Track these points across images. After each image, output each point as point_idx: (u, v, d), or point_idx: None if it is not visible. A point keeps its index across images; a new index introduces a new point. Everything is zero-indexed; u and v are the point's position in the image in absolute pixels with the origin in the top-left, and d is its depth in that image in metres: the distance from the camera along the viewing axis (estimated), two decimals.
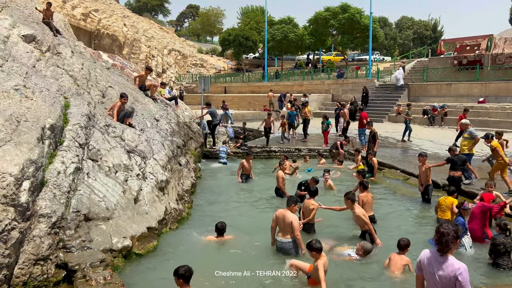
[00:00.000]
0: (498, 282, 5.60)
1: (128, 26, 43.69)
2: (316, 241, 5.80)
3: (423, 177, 9.93)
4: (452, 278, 3.50)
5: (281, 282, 5.78)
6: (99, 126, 8.92)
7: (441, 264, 3.58)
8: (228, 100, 27.90)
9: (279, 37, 42.70)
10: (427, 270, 3.69)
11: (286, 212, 6.91)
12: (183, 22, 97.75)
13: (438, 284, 3.59)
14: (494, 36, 28.30)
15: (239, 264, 6.42)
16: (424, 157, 9.95)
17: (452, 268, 3.52)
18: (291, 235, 6.80)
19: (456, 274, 3.49)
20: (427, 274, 3.71)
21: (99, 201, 6.98)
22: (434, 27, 59.45)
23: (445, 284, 3.55)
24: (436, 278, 3.59)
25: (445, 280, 3.54)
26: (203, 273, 5.82)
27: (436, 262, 3.63)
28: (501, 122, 20.73)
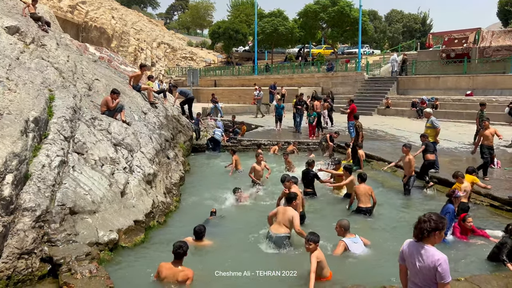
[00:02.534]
0: (476, 273, 5.67)
1: (116, 19, 43.17)
2: (312, 233, 5.80)
3: (407, 168, 10.01)
4: (432, 269, 3.52)
5: (281, 282, 5.75)
6: (85, 119, 8.82)
7: (422, 255, 3.59)
8: (218, 94, 27.76)
9: (269, 30, 42.58)
10: (409, 260, 3.70)
11: (288, 207, 7.03)
12: (172, 15, 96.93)
13: (419, 274, 3.62)
14: (482, 29, 28.52)
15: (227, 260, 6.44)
16: (408, 148, 10.04)
17: (432, 259, 3.53)
18: (285, 230, 6.83)
19: (436, 265, 3.50)
20: (409, 264, 3.72)
21: (85, 194, 6.92)
22: (423, 21, 59.73)
23: (425, 274, 3.57)
24: (417, 268, 3.61)
25: (425, 270, 3.56)
26: (202, 273, 5.82)
27: (417, 253, 3.64)
28: (488, 115, 20.92)
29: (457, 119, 21.45)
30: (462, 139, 16.44)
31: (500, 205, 8.82)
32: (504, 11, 44.13)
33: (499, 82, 23.43)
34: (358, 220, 8.33)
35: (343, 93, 29.08)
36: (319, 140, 16.18)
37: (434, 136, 11.40)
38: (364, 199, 8.59)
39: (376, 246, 6.95)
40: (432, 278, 3.56)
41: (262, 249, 6.83)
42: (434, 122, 11.49)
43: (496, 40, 26.41)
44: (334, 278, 5.82)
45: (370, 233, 7.58)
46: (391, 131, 19.07)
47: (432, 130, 11.36)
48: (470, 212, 8.69)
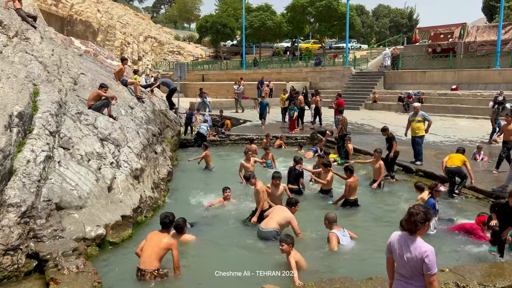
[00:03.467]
0: (460, 263, 5.78)
1: (102, 12, 42.54)
2: (287, 235, 5.96)
3: (377, 173, 9.98)
4: (419, 260, 3.59)
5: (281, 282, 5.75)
6: (70, 114, 8.72)
7: (410, 247, 3.67)
8: (206, 88, 27.65)
9: (257, 24, 42.44)
10: (397, 252, 3.77)
11: (286, 208, 7.18)
12: (159, 9, 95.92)
13: (407, 265, 3.69)
14: (467, 24, 28.88)
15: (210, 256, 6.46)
16: (379, 153, 10.03)
17: (419, 250, 3.61)
18: (275, 226, 6.92)
19: (423, 256, 3.58)
20: (396, 256, 3.79)
21: (71, 189, 6.85)
22: (410, 16, 60.17)
23: (412, 266, 3.65)
24: (404, 259, 3.68)
25: (412, 262, 3.63)
26: (201, 273, 5.84)
27: (405, 245, 3.71)
28: (472, 109, 21.32)
29: (442, 113, 21.74)
30: (448, 133, 16.68)
31: (485, 198, 8.98)
32: (489, 6, 44.72)
33: (483, 77, 23.79)
34: (347, 212, 8.43)
35: (331, 87, 29.22)
36: (302, 133, 16.30)
37: (425, 129, 11.48)
38: (354, 192, 8.73)
39: (363, 239, 7.04)
40: (419, 269, 3.63)
41: (246, 247, 6.82)
42: (426, 115, 11.56)
43: (481, 35, 26.78)
44: (321, 271, 5.88)
45: (358, 226, 7.67)
46: (378, 125, 19.20)
47: (422, 123, 11.45)
48: (453, 205, 8.90)
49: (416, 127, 11.45)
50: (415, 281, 3.70)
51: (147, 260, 5.40)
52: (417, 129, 11.42)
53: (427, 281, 3.62)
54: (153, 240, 5.52)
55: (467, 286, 4.98)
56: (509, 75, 22.77)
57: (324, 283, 5.03)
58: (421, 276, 3.65)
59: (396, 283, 3.88)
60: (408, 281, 3.74)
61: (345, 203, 8.75)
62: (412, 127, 11.56)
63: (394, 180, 10.67)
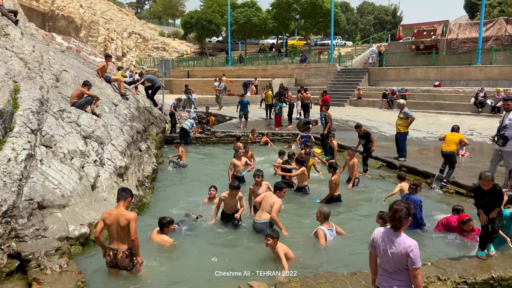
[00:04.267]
0: (442, 257, 5.88)
1: (85, 8, 41.86)
2: (272, 230, 6.09)
3: (351, 171, 10.04)
4: (404, 255, 3.65)
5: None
6: (52, 111, 8.57)
7: (394, 242, 3.72)
8: (191, 85, 27.49)
9: (242, 20, 42.36)
10: (380, 247, 3.81)
11: (273, 194, 7.26)
12: (143, 4, 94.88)
13: (391, 260, 3.74)
14: (450, 22, 29.30)
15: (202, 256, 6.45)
16: (354, 151, 10.18)
17: (404, 245, 3.67)
18: (267, 216, 7.03)
19: (408, 251, 3.64)
20: (380, 251, 3.83)
21: (54, 188, 6.75)
22: (394, 13, 60.76)
23: (397, 260, 3.70)
24: (389, 255, 3.73)
25: (397, 257, 3.69)
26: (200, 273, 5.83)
27: (388, 240, 3.77)
28: (455, 105, 21.67)
29: (425, 109, 22.04)
30: (430, 129, 16.93)
31: (466, 192, 9.15)
32: (470, 3, 45.47)
33: (465, 74, 24.20)
34: (332, 208, 8.49)
35: (316, 84, 29.36)
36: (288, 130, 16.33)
37: (407, 126, 11.64)
38: (337, 188, 8.88)
39: (347, 234, 7.11)
40: (403, 264, 3.69)
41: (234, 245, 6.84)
42: (408, 113, 11.72)
43: (462, 33, 27.21)
44: (306, 266, 5.93)
45: (342, 221, 7.74)
46: (363, 121, 19.31)
47: (405, 120, 11.60)
48: (434, 200, 9.05)
49: (398, 123, 11.61)
50: (399, 276, 3.76)
51: (119, 240, 5.32)
52: (399, 126, 11.58)
53: (412, 275, 3.68)
54: (115, 218, 5.30)
55: (448, 279, 5.08)
56: (490, 72, 23.21)
57: (309, 279, 5.07)
58: (405, 271, 3.72)
59: (379, 278, 3.94)
60: (392, 276, 3.80)
61: (330, 199, 8.86)
62: (396, 123, 11.72)
63: (367, 173, 10.94)
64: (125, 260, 5.32)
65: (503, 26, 25.66)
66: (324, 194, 9.10)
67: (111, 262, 5.37)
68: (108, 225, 5.30)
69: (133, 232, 5.27)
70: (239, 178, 10.29)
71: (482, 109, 20.34)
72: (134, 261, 5.41)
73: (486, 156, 11.29)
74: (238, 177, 10.31)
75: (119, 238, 5.29)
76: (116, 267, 5.39)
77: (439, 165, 10.81)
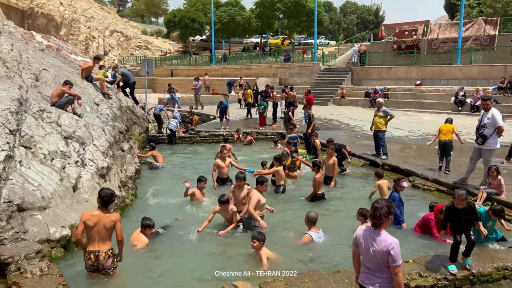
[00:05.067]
0: (421, 254, 5.97)
1: (65, 5, 41.11)
2: (258, 232, 6.13)
3: (330, 170, 10.07)
4: (385, 252, 3.71)
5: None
6: (32, 112, 8.41)
7: (375, 240, 3.77)
8: (175, 84, 27.30)
9: (226, 19, 42.25)
10: (363, 245, 3.86)
11: (254, 190, 7.29)
12: (125, 2, 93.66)
13: (373, 258, 3.79)
14: (430, 22, 29.80)
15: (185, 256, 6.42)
16: (333, 150, 10.23)
17: (385, 243, 3.72)
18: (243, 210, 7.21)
19: (389, 249, 3.69)
20: (362, 249, 3.88)
21: (33, 190, 6.62)
22: (376, 12, 61.51)
23: (378, 258, 3.76)
24: (370, 252, 3.79)
25: (378, 254, 3.74)
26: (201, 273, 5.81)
27: (370, 238, 3.82)
28: (435, 104, 22.05)
29: (407, 108, 22.37)
30: (412, 128, 17.19)
31: (447, 190, 9.31)
32: (450, 4, 46.31)
33: (445, 73, 24.66)
34: (316, 206, 8.57)
35: (300, 83, 29.48)
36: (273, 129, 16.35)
37: (386, 123, 11.86)
38: (320, 186, 8.93)
39: (332, 232, 7.17)
40: (384, 261, 3.75)
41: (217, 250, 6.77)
42: (387, 111, 11.96)
43: (443, 33, 27.70)
44: (290, 266, 5.95)
45: (326, 219, 7.79)
46: (346, 120, 19.62)
47: (385, 118, 11.79)
48: (415, 197, 9.19)
49: (378, 122, 11.77)
50: (380, 273, 3.82)
51: (100, 241, 5.25)
52: (379, 124, 11.75)
53: (393, 272, 3.73)
54: (98, 221, 5.23)
55: (429, 276, 5.18)
56: (470, 71, 23.70)
57: (293, 278, 5.10)
58: (387, 268, 3.77)
59: (362, 275, 3.99)
60: (374, 273, 3.85)
61: (314, 197, 8.93)
62: (375, 122, 11.88)
63: (347, 172, 11.13)
64: (108, 260, 5.25)
65: (482, 26, 26.22)
66: (307, 193, 9.17)
67: (92, 265, 5.27)
68: (90, 226, 5.21)
69: (120, 233, 5.26)
70: (223, 179, 10.04)
71: (462, 108, 20.75)
72: (115, 262, 5.35)
73: (465, 154, 11.51)
74: (222, 178, 10.06)
75: (100, 239, 5.21)
76: (98, 271, 5.30)
77: (420, 163, 11.02)
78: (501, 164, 10.51)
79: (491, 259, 5.61)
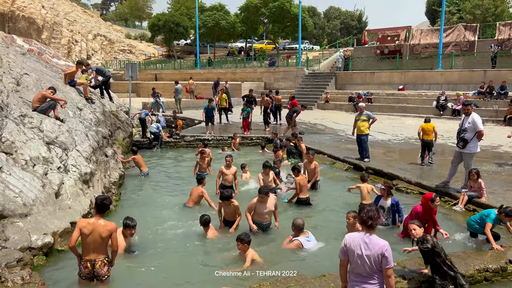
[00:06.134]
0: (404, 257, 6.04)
1: (47, 8, 40.56)
2: (245, 234, 6.16)
3: (311, 174, 10.06)
4: (380, 255, 3.78)
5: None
6: (13, 117, 8.26)
7: (368, 244, 3.84)
8: (159, 88, 27.09)
9: (210, 24, 42.26)
10: (355, 252, 3.88)
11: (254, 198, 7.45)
12: (109, 6, 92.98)
13: (366, 263, 3.82)
14: (412, 27, 30.35)
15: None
16: (313, 155, 10.25)
17: (378, 246, 3.80)
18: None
19: (383, 251, 3.78)
20: (354, 256, 3.89)
21: (15, 197, 6.49)
22: (360, 18, 62.30)
23: (372, 262, 3.81)
24: (364, 258, 3.82)
25: (372, 258, 3.80)
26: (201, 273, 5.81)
27: (363, 243, 3.86)
28: (418, 108, 22.43)
29: (390, 112, 22.70)
30: (395, 132, 17.43)
31: None
32: (431, 10, 47.23)
33: (427, 78, 25.12)
34: (300, 210, 8.60)
35: (285, 88, 29.63)
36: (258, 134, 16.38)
37: (368, 127, 12.03)
38: (304, 190, 8.96)
39: (319, 237, 7.19)
40: (378, 265, 3.81)
41: None
42: (370, 114, 12.18)
43: (424, 38, 28.23)
44: (276, 270, 5.97)
45: (312, 224, 7.83)
46: (330, 124, 19.80)
47: (367, 122, 11.95)
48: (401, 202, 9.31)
49: (361, 126, 11.93)
50: (373, 280, 3.85)
51: (95, 250, 5.16)
52: (362, 127, 11.90)
53: (386, 274, 3.80)
54: (94, 229, 5.14)
55: (413, 279, 5.25)
56: (450, 76, 24.19)
57: (279, 282, 5.11)
58: (379, 273, 3.83)
59: (351, 284, 3.98)
60: (366, 280, 3.87)
61: (298, 201, 8.95)
62: (358, 125, 12.03)
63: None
64: (103, 268, 5.17)
65: (462, 32, 26.82)
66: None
67: (89, 273, 5.15)
68: (85, 234, 5.11)
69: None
70: (226, 187, 9.37)
71: (443, 112, 21.15)
72: (109, 270, 5.28)
73: (447, 157, 11.74)
74: (226, 186, 9.51)
75: (95, 248, 5.12)
76: (92, 279, 5.21)
77: (404, 167, 11.18)
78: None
79: (472, 261, 5.71)
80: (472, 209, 8.20)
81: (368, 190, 8.60)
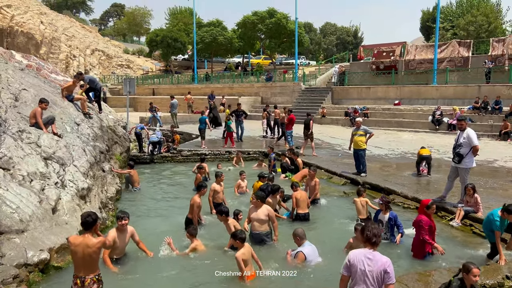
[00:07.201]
0: (402, 272, 6.06)
1: (45, 24, 40.90)
2: (241, 232, 6.24)
3: (312, 191, 10.04)
4: (382, 271, 3.87)
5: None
6: (11, 132, 8.28)
7: (371, 260, 3.93)
8: (156, 103, 27.22)
9: (208, 39, 42.65)
10: (358, 268, 3.96)
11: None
12: (107, 21, 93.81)
13: (369, 279, 3.90)
14: (407, 43, 30.73)
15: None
16: (314, 171, 10.19)
17: (381, 262, 3.91)
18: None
19: (385, 267, 3.88)
20: (357, 272, 3.96)
21: (11, 213, 6.48)
22: (355, 33, 63.03)
23: (375, 278, 3.89)
24: (367, 273, 3.91)
25: (375, 274, 3.89)
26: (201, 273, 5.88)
27: (366, 259, 3.96)
28: (413, 123, 22.57)
29: (386, 127, 22.83)
30: (392, 146, 17.51)
31: None
32: (426, 26, 47.86)
33: (422, 93, 25.36)
34: (296, 226, 8.57)
35: (282, 102, 29.75)
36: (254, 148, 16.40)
37: (366, 142, 12.11)
38: (303, 205, 8.87)
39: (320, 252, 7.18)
40: (380, 281, 3.89)
41: None
42: (367, 129, 12.26)
43: (419, 54, 28.58)
44: (273, 283, 5.97)
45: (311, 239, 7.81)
46: (327, 139, 19.88)
47: (364, 137, 12.01)
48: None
49: (358, 141, 11.97)
50: None
51: (85, 267, 5.13)
52: (359, 142, 11.95)
53: None
54: (83, 246, 5.11)
55: None
56: (446, 91, 24.43)
57: None
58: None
59: None
60: None
61: (297, 217, 8.90)
62: (355, 140, 12.07)
63: None
64: (92, 286, 5.14)
65: (456, 48, 27.19)
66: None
67: None
68: (74, 252, 5.09)
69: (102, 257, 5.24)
70: (219, 204, 9.35)
71: (439, 127, 21.30)
72: (101, 287, 5.24)
73: (443, 172, 11.80)
74: (219, 203, 9.51)
75: (85, 266, 5.10)
76: None
77: (400, 181, 11.22)
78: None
79: None
80: (468, 224, 8.23)
81: (363, 204, 8.60)
